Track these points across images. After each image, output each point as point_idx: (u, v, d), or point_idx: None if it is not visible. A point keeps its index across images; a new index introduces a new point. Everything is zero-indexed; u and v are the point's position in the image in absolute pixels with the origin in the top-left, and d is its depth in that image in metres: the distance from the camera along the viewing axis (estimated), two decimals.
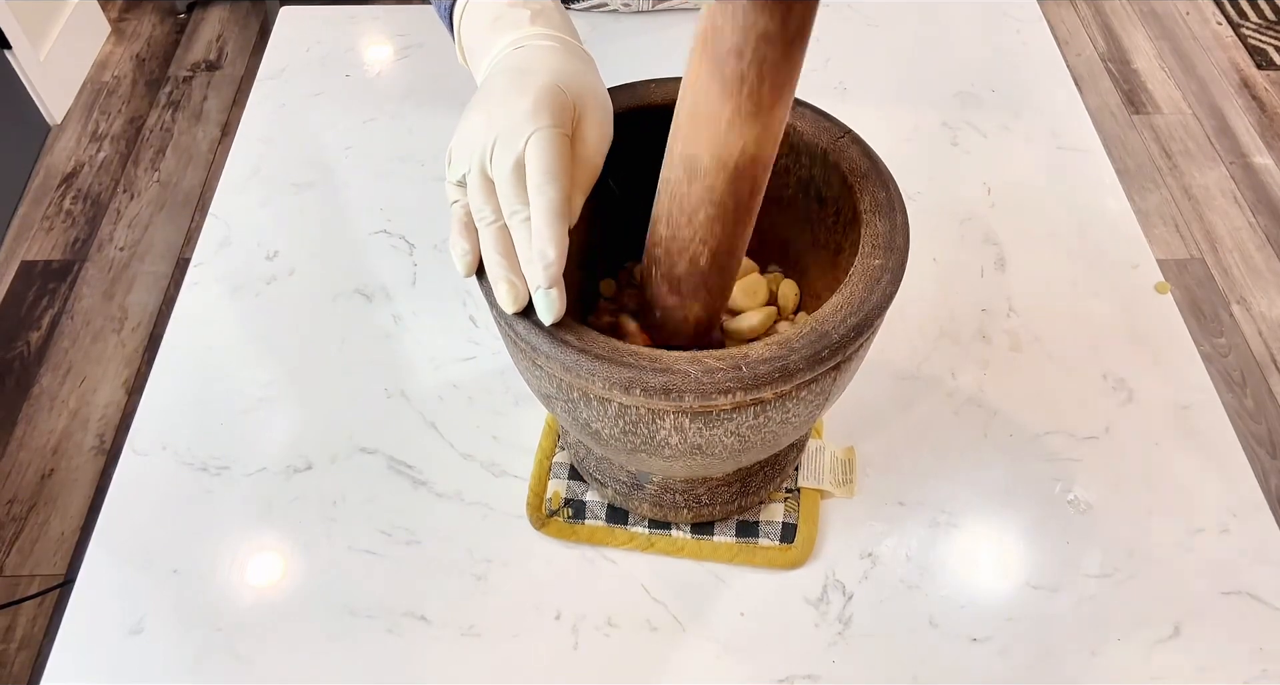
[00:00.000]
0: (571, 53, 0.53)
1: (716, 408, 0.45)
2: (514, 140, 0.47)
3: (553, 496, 0.66)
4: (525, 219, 0.46)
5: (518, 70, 0.51)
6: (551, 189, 0.46)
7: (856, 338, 0.45)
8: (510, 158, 0.47)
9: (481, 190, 0.48)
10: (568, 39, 0.54)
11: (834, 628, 0.61)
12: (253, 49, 2.44)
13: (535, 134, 0.47)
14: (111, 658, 0.60)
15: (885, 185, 0.51)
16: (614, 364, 0.44)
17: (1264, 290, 1.90)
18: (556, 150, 0.47)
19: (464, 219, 0.49)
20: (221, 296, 0.79)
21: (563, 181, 0.46)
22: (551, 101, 0.48)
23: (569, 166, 0.48)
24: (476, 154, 0.48)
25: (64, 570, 1.51)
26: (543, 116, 0.47)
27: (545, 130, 0.47)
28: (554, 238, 0.45)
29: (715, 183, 0.46)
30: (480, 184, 0.48)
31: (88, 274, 1.92)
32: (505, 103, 0.49)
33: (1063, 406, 0.72)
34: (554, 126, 0.47)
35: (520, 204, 0.47)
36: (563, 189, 0.46)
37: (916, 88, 0.96)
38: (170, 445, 0.70)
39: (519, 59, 0.52)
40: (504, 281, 0.46)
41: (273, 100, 0.96)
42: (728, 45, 0.42)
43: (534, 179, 0.46)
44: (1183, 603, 0.62)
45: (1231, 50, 2.43)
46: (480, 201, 0.48)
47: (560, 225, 0.45)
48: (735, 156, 0.45)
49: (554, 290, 0.45)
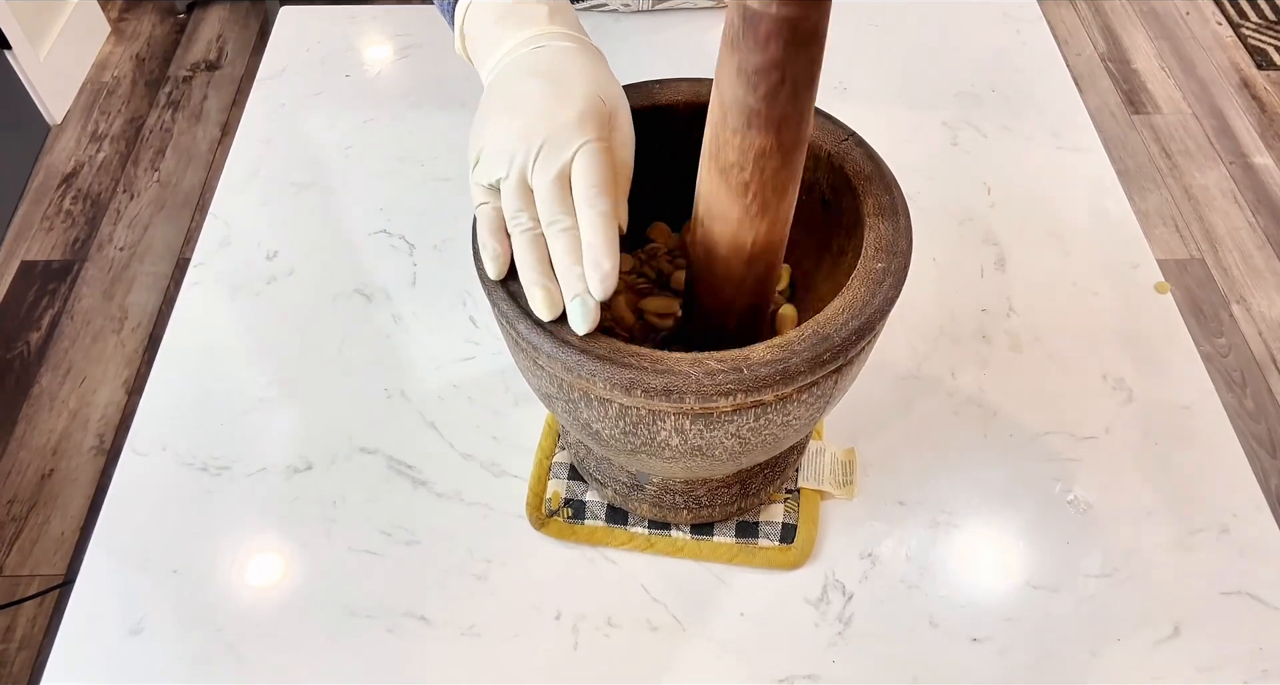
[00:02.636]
0: (592, 56, 0.53)
1: (717, 409, 0.45)
2: (560, 151, 0.47)
3: (552, 496, 0.66)
4: (564, 229, 0.47)
5: (552, 77, 0.51)
6: (603, 202, 0.46)
7: (858, 341, 0.45)
8: (555, 168, 0.47)
9: (519, 197, 0.48)
10: (585, 39, 0.54)
11: (834, 628, 0.61)
12: (253, 49, 2.44)
13: (584, 148, 0.47)
14: (111, 658, 0.60)
15: (889, 188, 0.51)
16: (615, 365, 0.44)
17: (1264, 290, 1.90)
18: (604, 163, 0.47)
19: (495, 221, 0.49)
20: (221, 297, 0.79)
21: (613, 194, 0.47)
22: (595, 114, 0.49)
23: (614, 178, 0.48)
24: (516, 161, 0.48)
25: (64, 570, 1.51)
26: (589, 129, 0.48)
27: (593, 143, 0.47)
28: (608, 249, 0.46)
29: (733, 265, 0.50)
30: (518, 190, 0.48)
31: (88, 274, 1.93)
32: (548, 112, 0.49)
33: (1063, 406, 0.72)
34: (600, 139, 0.48)
35: (562, 214, 0.47)
36: (613, 201, 0.47)
37: (916, 88, 0.96)
38: (170, 445, 0.70)
39: (546, 63, 0.52)
40: (540, 288, 0.46)
41: (273, 100, 0.96)
42: (731, 159, 0.45)
43: (585, 193, 0.47)
44: (1183, 603, 0.62)
45: (1231, 50, 2.43)
46: (517, 208, 0.48)
47: (611, 234, 0.46)
48: (749, 246, 0.48)
49: (591, 299, 0.45)
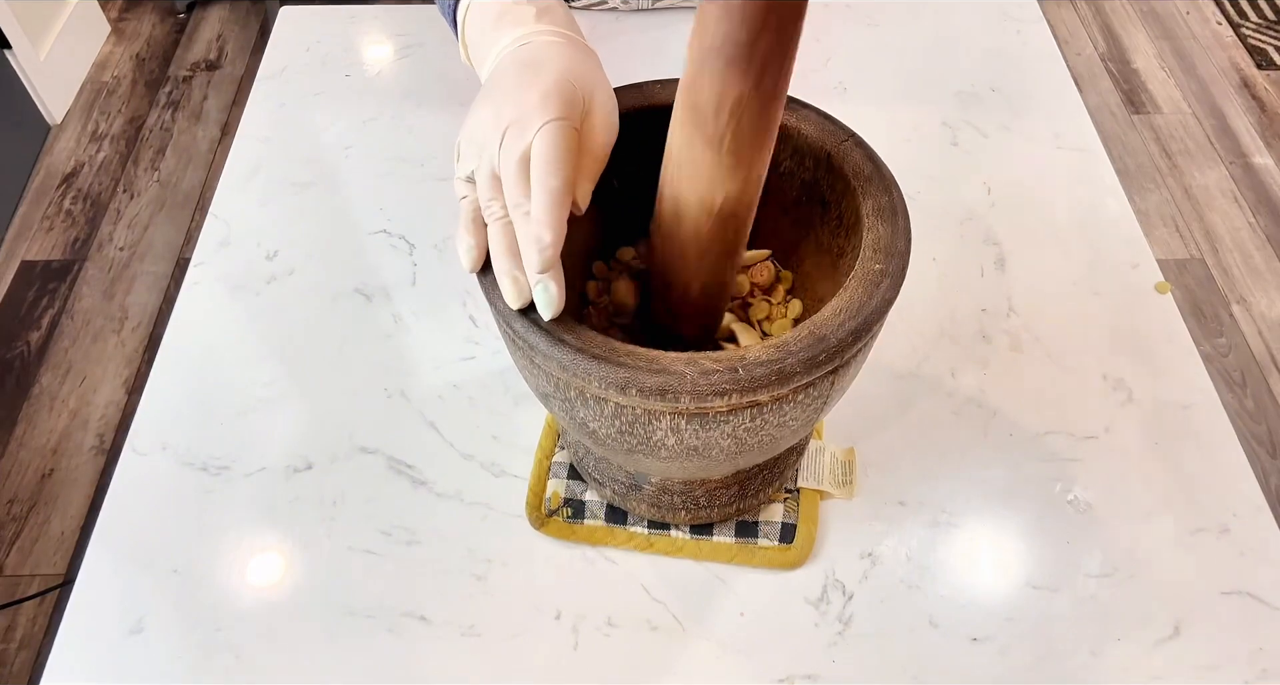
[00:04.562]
0: (577, 48, 0.53)
1: (712, 410, 0.45)
2: (523, 133, 0.47)
3: (552, 496, 0.66)
4: (528, 213, 0.46)
5: (525, 64, 0.51)
6: (554, 178, 0.45)
7: (855, 342, 0.45)
8: (517, 150, 0.46)
9: (490, 186, 0.48)
10: (572, 35, 0.54)
11: (834, 627, 0.61)
12: (253, 48, 2.44)
13: (544, 127, 0.46)
14: (111, 657, 0.60)
15: (888, 189, 0.51)
16: (610, 364, 0.44)
17: (1264, 290, 1.90)
18: (564, 141, 0.46)
19: (472, 215, 0.49)
20: (221, 296, 0.79)
21: (567, 172, 0.46)
22: (560, 94, 0.48)
23: (575, 157, 0.47)
24: (486, 150, 0.48)
25: (64, 570, 1.51)
26: (551, 109, 0.47)
27: (554, 123, 0.46)
28: (551, 223, 0.44)
29: (701, 225, 0.48)
30: (489, 179, 0.48)
31: (88, 274, 1.93)
32: (514, 96, 0.48)
33: (1063, 406, 0.72)
34: (562, 118, 0.47)
35: (524, 197, 0.46)
36: (566, 179, 0.46)
37: (917, 87, 0.96)
38: (170, 445, 0.70)
39: (526, 54, 0.52)
40: (508, 276, 0.46)
41: (273, 100, 0.96)
42: (706, 107, 0.43)
43: (537, 170, 0.46)
44: (1183, 603, 0.62)
45: (1231, 50, 2.43)
46: (489, 197, 0.48)
47: (558, 211, 0.45)
48: (719, 203, 0.47)
49: (553, 285, 0.45)
